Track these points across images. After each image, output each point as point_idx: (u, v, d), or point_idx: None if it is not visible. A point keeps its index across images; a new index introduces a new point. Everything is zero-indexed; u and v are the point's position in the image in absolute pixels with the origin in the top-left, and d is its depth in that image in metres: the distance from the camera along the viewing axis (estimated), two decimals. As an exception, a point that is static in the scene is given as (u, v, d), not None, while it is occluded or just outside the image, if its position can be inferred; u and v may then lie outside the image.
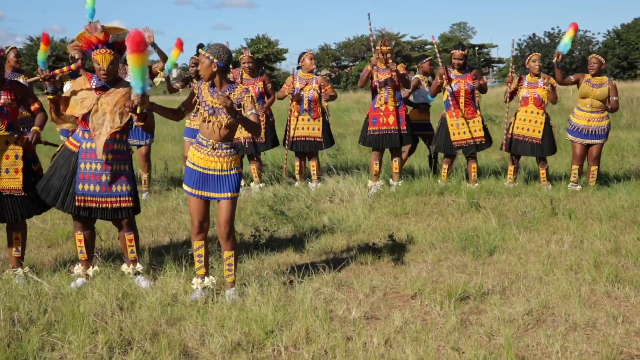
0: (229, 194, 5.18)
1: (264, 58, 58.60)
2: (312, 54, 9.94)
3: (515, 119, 9.60)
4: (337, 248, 6.71)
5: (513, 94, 9.63)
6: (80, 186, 5.45)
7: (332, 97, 9.84)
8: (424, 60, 10.76)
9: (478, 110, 9.57)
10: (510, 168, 9.71)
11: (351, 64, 69.50)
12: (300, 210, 8.06)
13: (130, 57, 4.97)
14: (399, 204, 8.53)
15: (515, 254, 6.40)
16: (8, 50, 8.88)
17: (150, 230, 7.47)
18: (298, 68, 9.93)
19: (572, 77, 9.47)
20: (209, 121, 5.14)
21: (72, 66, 6.27)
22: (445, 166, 9.68)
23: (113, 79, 5.56)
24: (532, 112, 9.43)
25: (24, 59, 53.54)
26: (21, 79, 8.43)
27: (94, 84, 5.51)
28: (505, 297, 5.31)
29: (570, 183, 9.46)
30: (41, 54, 8.11)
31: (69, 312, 4.72)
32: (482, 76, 9.74)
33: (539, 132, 9.41)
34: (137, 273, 5.69)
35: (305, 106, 9.71)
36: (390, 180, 9.68)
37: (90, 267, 5.71)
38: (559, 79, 9.35)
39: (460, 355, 4.27)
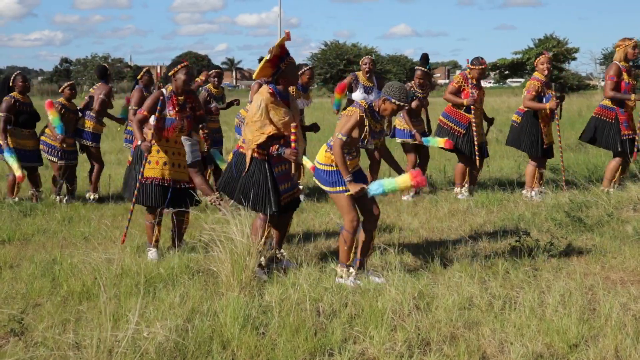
0: None
1: (552, 58, 56.16)
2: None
3: None
4: (643, 261, 6.14)
5: None
6: (281, 187, 5.96)
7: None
8: None
9: None
10: None
11: (649, 62, 64.15)
12: (600, 218, 7.54)
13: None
14: None
15: None
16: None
17: (441, 230, 7.48)
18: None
19: None
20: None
21: None
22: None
23: None
24: None
25: (317, 63, 57.14)
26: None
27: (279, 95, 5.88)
28: None
29: None
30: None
31: (368, 307, 4.86)
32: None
33: None
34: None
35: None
36: None
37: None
38: None
39: None
